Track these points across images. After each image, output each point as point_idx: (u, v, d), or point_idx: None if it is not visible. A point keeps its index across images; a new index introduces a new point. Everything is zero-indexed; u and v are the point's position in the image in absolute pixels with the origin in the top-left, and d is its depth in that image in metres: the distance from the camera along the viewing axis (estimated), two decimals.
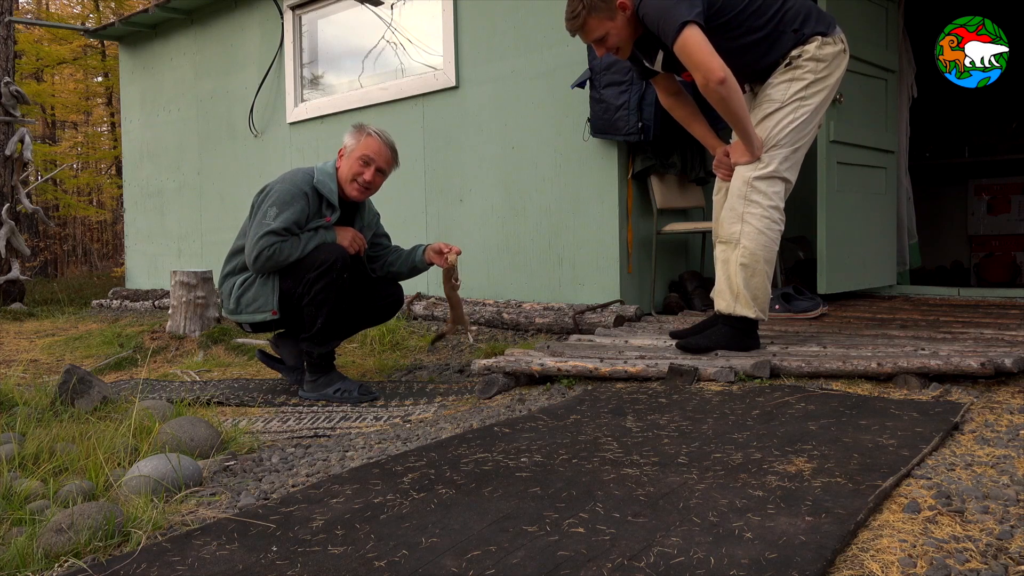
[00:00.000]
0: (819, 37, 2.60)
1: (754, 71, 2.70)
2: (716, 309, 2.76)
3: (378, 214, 3.25)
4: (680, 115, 2.87)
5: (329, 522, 1.45)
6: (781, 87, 2.63)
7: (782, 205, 2.66)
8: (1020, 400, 2.08)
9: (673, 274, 4.23)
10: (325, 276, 2.84)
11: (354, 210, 3.08)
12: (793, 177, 2.69)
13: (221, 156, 6.11)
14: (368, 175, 2.95)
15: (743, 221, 2.62)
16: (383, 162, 2.98)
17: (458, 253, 3.01)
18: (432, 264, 3.14)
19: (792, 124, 2.61)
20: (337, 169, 2.98)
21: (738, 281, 2.64)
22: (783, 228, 2.68)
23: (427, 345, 3.89)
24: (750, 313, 2.66)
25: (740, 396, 2.25)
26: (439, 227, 4.64)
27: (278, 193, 2.89)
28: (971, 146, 6.18)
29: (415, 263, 3.17)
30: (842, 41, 2.65)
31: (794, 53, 2.61)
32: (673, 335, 2.97)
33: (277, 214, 2.83)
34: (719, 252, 2.72)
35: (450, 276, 3.00)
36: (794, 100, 2.61)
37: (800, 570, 1.14)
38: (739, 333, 2.70)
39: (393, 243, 3.28)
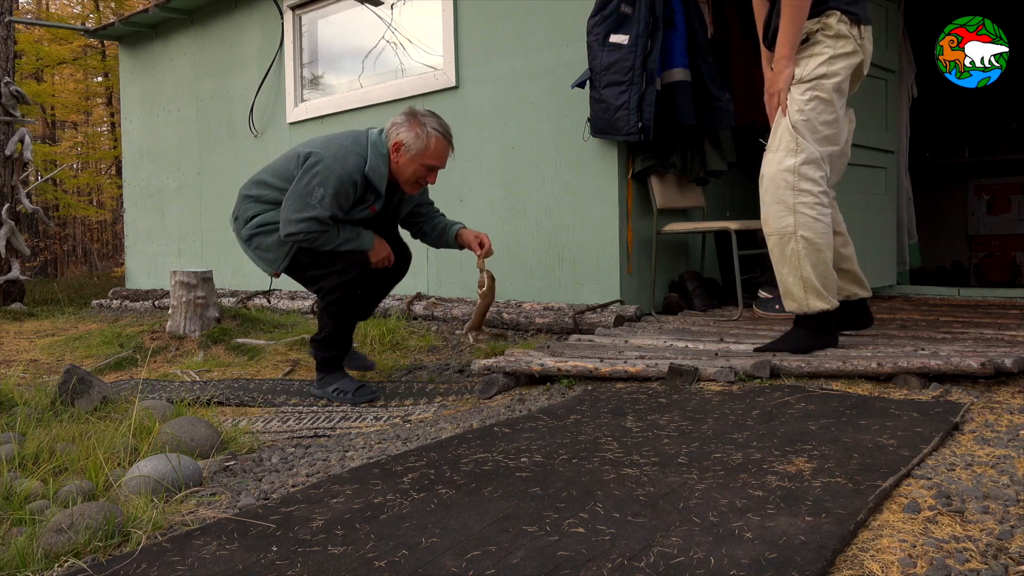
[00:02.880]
0: (846, 17, 2.51)
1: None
2: (789, 309, 2.69)
3: None
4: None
5: (329, 522, 1.45)
6: (799, 63, 2.56)
7: (827, 188, 2.60)
8: (1020, 400, 2.08)
9: (673, 274, 4.23)
10: (339, 290, 2.85)
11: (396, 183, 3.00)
12: (827, 167, 2.60)
13: (221, 156, 6.11)
14: (432, 179, 2.97)
15: (796, 212, 2.56)
16: (446, 162, 2.97)
17: (488, 253, 3.08)
18: (464, 247, 3.16)
19: (814, 102, 2.53)
20: (391, 159, 2.87)
21: (807, 273, 2.57)
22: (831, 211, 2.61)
23: (427, 345, 3.89)
24: (824, 304, 2.59)
25: (740, 396, 2.25)
26: None
27: (327, 172, 2.76)
28: (971, 146, 6.18)
29: (448, 242, 3.18)
30: (860, 36, 2.56)
31: (813, 27, 2.53)
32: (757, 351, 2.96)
33: (323, 196, 2.74)
34: (772, 246, 2.63)
35: (492, 283, 3.07)
36: (814, 78, 2.53)
37: (800, 570, 1.14)
38: (814, 332, 2.64)
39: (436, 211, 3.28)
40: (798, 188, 2.56)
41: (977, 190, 6.27)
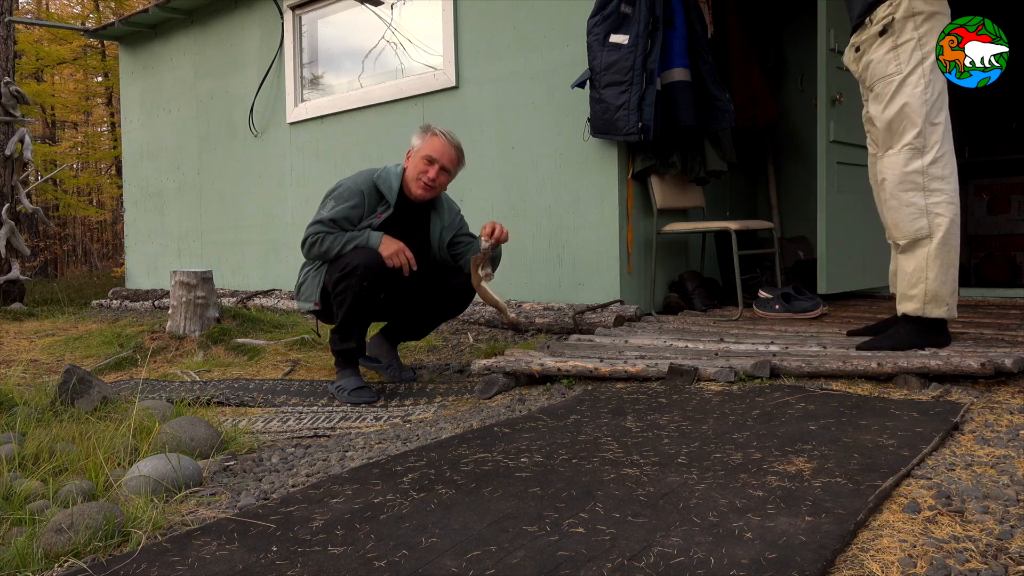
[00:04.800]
0: None
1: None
2: (902, 312, 2.61)
3: (460, 213, 3.22)
4: None
5: (329, 522, 1.45)
6: (888, 58, 2.48)
7: (957, 185, 2.51)
8: (1020, 400, 2.08)
9: (673, 274, 4.23)
10: (345, 279, 2.87)
11: (428, 209, 3.10)
12: (952, 148, 2.52)
13: (221, 156, 6.11)
14: (432, 173, 2.98)
15: (929, 214, 2.47)
16: (447, 161, 3.01)
17: (496, 239, 2.87)
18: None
19: (931, 87, 2.46)
20: (404, 169, 3.04)
21: (931, 276, 2.49)
22: None
23: (427, 345, 3.89)
24: (941, 313, 2.51)
25: (740, 396, 2.25)
26: None
27: (340, 188, 3.01)
28: (971, 146, 6.18)
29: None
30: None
31: (887, 11, 2.45)
32: (851, 333, 2.92)
33: (332, 207, 2.95)
34: (904, 249, 2.55)
35: (477, 265, 2.85)
36: (916, 64, 2.45)
37: (800, 570, 1.14)
38: (924, 331, 2.56)
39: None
40: (929, 189, 2.48)
41: (977, 190, 6.27)
